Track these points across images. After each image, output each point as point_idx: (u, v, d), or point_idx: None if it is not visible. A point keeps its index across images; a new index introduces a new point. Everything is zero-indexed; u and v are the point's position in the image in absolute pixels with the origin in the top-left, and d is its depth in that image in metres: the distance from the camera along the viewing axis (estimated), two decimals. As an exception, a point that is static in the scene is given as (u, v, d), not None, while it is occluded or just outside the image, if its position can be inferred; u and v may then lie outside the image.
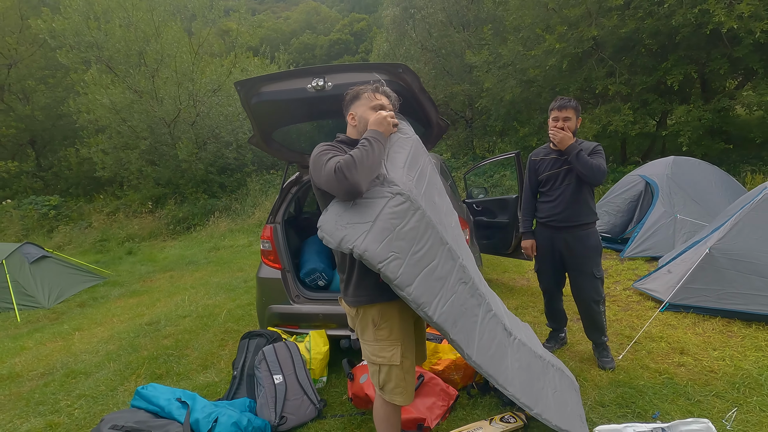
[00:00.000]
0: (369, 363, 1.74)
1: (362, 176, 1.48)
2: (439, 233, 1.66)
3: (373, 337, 1.68)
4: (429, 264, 1.60)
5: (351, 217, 1.51)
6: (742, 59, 7.59)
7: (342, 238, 1.46)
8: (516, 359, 1.88)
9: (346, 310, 1.77)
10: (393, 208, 1.54)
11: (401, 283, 1.48)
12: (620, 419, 2.22)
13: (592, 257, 2.69)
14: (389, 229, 1.50)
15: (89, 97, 10.88)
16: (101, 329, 4.57)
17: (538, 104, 10.52)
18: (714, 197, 5.11)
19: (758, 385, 2.42)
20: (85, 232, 10.61)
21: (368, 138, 1.58)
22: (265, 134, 2.81)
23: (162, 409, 2.32)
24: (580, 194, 2.67)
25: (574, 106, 2.63)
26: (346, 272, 1.71)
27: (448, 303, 1.62)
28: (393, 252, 1.48)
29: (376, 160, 1.55)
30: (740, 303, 3.19)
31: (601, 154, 2.65)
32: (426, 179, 1.79)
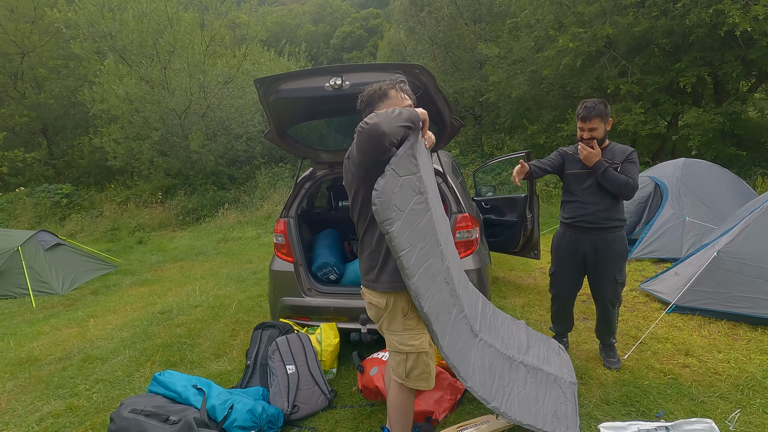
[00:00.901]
0: (395, 353, 1.80)
1: (382, 121, 1.52)
2: (437, 236, 1.83)
3: (402, 326, 1.76)
4: (428, 261, 1.76)
5: (397, 200, 1.62)
6: (755, 62, 7.52)
7: (389, 218, 1.58)
8: (479, 358, 2.03)
9: (374, 302, 1.80)
10: (416, 205, 1.71)
11: (410, 273, 1.65)
12: (624, 417, 2.27)
13: (618, 262, 2.63)
14: (410, 223, 1.67)
15: (104, 87, 10.98)
16: (115, 316, 4.68)
17: (547, 102, 10.49)
18: (724, 200, 5.11)
19: (762, 388, 2.46)
20: (96, 221, 10.76)
21: (405, 108, 1.66)
22: (281, 130, 2.86)
23: (179, 395, 2.41)
24: (610, 196, 2.59)
25: (599, 113, 2.52)
26: (381, 259, 1.75)
27: (434, 298, 1.78)
28: (409, 244, 1.66)
29: (399, 119, 1.57)
30: (746, 306, 3.21)
31: (635, 162, 2.57)
32: (432, 185, 1.93)
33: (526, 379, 2.21)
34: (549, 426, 2.10)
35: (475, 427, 2.25)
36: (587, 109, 2.55)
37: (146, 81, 11.42)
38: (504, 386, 2.09)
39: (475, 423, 2.28)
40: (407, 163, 1.68)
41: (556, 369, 2.39)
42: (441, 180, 3.03)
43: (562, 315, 2.99)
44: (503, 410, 2.00)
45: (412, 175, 1.69)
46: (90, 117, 12.60)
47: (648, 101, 8.74)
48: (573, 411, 2.25)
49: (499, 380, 2.09)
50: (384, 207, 1.57)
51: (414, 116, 1.64)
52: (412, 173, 1.70)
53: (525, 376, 2.22)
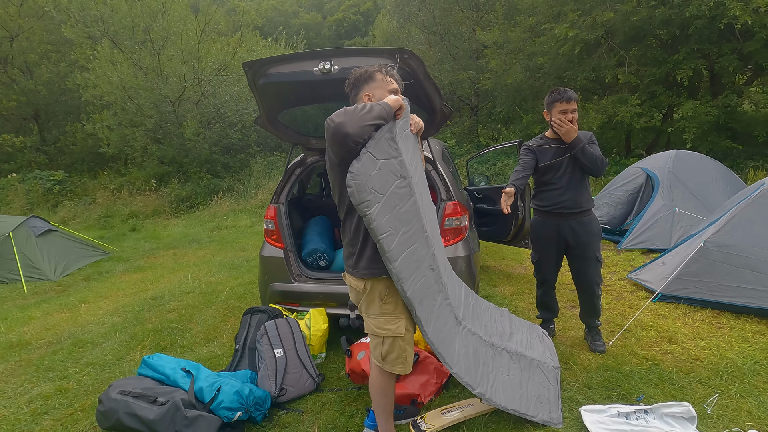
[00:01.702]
0: (372, 336, 1.82)
1: (348, 120, 1.51)
2: (422, 221, 1.83)
3: (379, 310, 1.77)
4: (412, 246, 1.77)
5: (375, 183, 1.60)
6: (752, 55, 7.52)
7: (365, 201, 1.57)
8: (463, 345, 2.06)
9: (353, 285, 1.83)
10: (398, 189, 1.71)
11: (390, 257, 1.65)
12: (605, 401, 2.32)
13: (596, 242, 2.76)
14: (391, 207, 1.66)
15: (97, 72, 10.84)
16: (107, 302, 4.68)
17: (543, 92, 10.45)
18: (714, 192, 5.15)
19: (741, 374, 2.51)
20: (89, 208, 10.71)
21: (377, 102, 1.63)
22: (271, 115, 2.85)
23: (167, 377, 2.43)
24: (583, 181, 2.73)
25: (575, 96, 2.65)
26: (359, 245, 1.77)
27: (419, 283, 1.79)
28: (390, 228, 1.65)
29: (368, 116, 1.55)
30: (730, 295, 3.26)
31: (596, 144, 2.71)
32: (418, 172, 1.92)
33: (510, 365, 2.25)
34: (532, 410, 2.14)
35: (459, 410, 2.28)
36: (565, 91, 2.63)
37: (139, 67, 11.28)
38: (488, 373, 2.12)
39: (460, 406, 2.32)
40: (386, 147, 1.66)
41: (540, 354, 2.42)
42: (431, 167, 3.04)
43: (547, 299, 3.06)
44: (488, 396, 2.04)
45: (392, 158, 1.68)
46: (82, 103, 12.45)
47: (644, 93, 8.74)
48: (555, 395, 2.29)
49: (483, 367, 2.12)
50: (360, 189, 1.56)
51: (385, 111, 1.62)
52: (392, 157, 1.68)
53: (508, 363, 2.26)
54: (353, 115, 1.53)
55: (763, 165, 7.73)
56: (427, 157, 3.02)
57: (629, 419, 2.10)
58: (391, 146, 1.68)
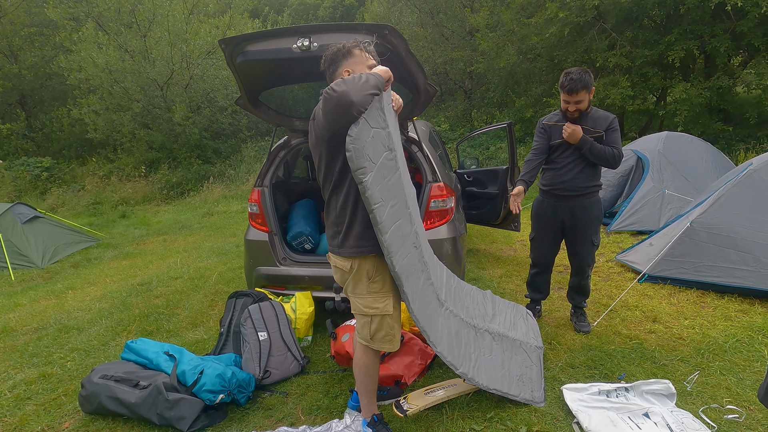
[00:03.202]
0: (359, 315, 1.81)
1: (351, 89, 1.47)
2: (405, 197, 1.81)
3: (366, 289, 1.76)
4: (398, 220, 1.75)
5: (371, 150, 1.58)
6: (745, 35, 7.45)
7: (362, 167, 1.55)
8: (445, 326, 2.07)
9: (339, 265, 1.80)
10: (387, 160, 1.69)
11: (383, 228, 1.64)
12: (587, 379, 2.33)
13: (594, 225, 2.72)
14: (381, 178, 1.65)
15: (81, 55, 10.58)
16: (94, 289, 4.65)
17: (536, 76, 10.36)
18: (703, 173, 5.15)
19: (722, 351, 2.54)
20: (78, 195, 10.58)
21: (370, 73, 1.60)
22: (252, 95, 2.78)
23: (150, 361, 2.42)
24: (588, 164, 2.64)
25: (584, 84, 2.48)
26: (346, 222, 1.73)
27: (405, 259, 1.78)
28: (382, 199, 1.64)
29: (367, 86, 1.52)
30: (715, 275, 3.28)
31: (617, 129, 2.60)
32: (400, 148, 1.88)
33: (492, 345, 2.25)
34: (515, 390, 2.15)
35: (442, 390, 2.29)
36: (573, 81, 2.49)
37: (125, 50, 11.02)
38: (470, 353, 2.13)
39: (443, 386, 2.32)
40: (377, 116, 1.62)
41: (523, 334, 2.43)
42: (416, 148, 2.99)
43: (539, 280, 3.03)
44: (470, 376, 2.04)
45: (381, 129, 1.65)
46: (68, 88, 12.20)
47: (636, 75, 8.66)
48: (538, 374, 2.30)
49: (465, 347, 2.12)
50: (358, 155, 1.52)
51: (380, 81, 1.59)
52: (381, 127, 1.65)
53: (490, 343, 2.26)
54: (354, 83, 1.49)
55: (755, 147, 7.73)
56: (412, 138, 2.98)
57: (609, 397, 2.12)
58: (381, 117, 1.65)
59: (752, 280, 3.14)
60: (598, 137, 2.61)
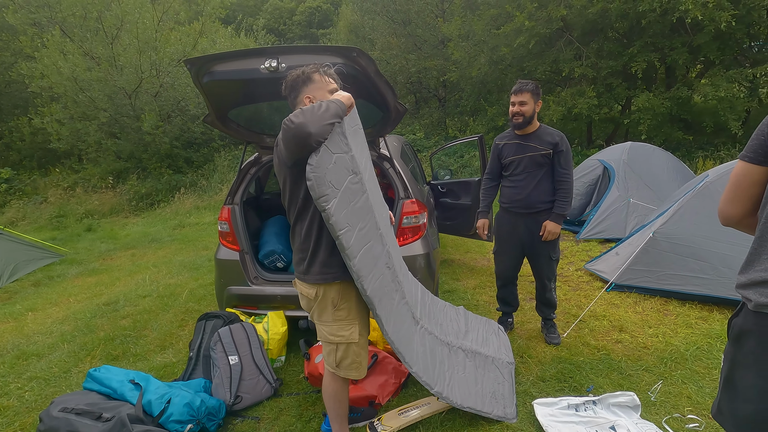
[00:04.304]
0: (325, 343, 1.79)
1: (309, 120, 1.46)
2: (375, 219, 1.82)
3: (332, 317, 1.74)
4: (368, 243, 1.76)
5: (332, 177, 1.57)
6: (701, 48, 7.85)
7: (325, 195, 1.54)
8: (420, 344, 2.08)
9: (304, 292, 1.79)
10: (351, 184, 1.70)
11: (351, 253, 1.63)
12: (557, 393, 2.38)
13: (550, 241, 2.78)
14: (347, 202, 1.65)
15: (45, 62, 10.16)
16: (56, 309, 4.45)
17: (507, 85, 10.60)
18: (665, 182, 5.37)
19: (683, 360, 2.64)
20: (40, 208, 10.11)
21: (331, 100, 1.59)
22: (221, 113, 2.74)
23: (114, 391, 2.32)
24: (541, 181, 2.73)
25: (531, 89, 2.64)
26: (310, 249, 1.71)
27: (377, 281, 1.78)
28: (348, 224, 1.64)
29: (326, 115, 1.51)
30: (677, 284, 3.42)
31: (564, 151, 2.67)
32: (368, 169, 1.90)
33: (465, 362, 2.28)
34: (488, 407, 2.18)
35: (416, 409, 2.29)
36: (521, 83, 2.68)
37: (91, 57, 10.66)
38: (444, 371, 2.14)
39: (417, 405, 2.33)
40: (338, 142, 1.63)
41: (495, 350, 2.46)
42: (388, 165, 3.01)
43: (506, 293, 3.09)
44: (445, 395, 2.05)
45: (344, 153, 1.65)
46: (30, 95, 11.69)
47: (602, 85, 8.99)
48: (510, 390, 2.33)
49: (440, 366, 2.14)
50: (319, 183, 1.52)
51: (340, 109, 1.58)
52: (344, 152, 1.66)
53: (464, 360, 2.28)
54: (312, 114, 1.48)
55: (712, 154, 8.13)
56: (384, 155, 2.99)
57: (578, 411, 2.17)
58: (342, 141, 1.65)
59: (710, 288, 3.29)
60: (546, 155, 2.69)
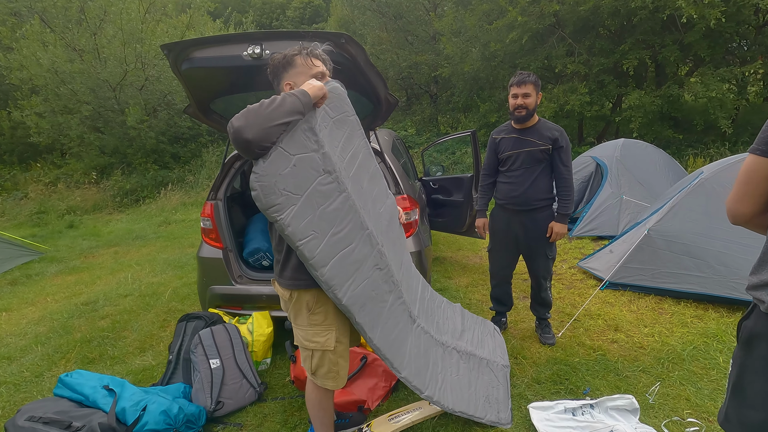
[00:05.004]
0: (301, 348, 1.68)
1: (249, 124, 1.29)
2: (360, 218, 1.67)
3: (306, 322, 1.62)
4: (346, 247, 1.62)
5: (288, 183, 1.42)
6: (692, 46, 7.85)
7: (274, 205, 1.39)
8: (415, 345, 1.96)
9: (279, 293, 1.69)
10: (321, 186, 1.54)
11: (316, 264, 1.51)
12: (553, 396, 2.30)
13: (546, 240, 2.68)
14: (313, 207, 1.51)
15: (23, 53, 9.82)
16: (32, 309, 4.26)
17: (499, 81, 10.54)
18: (658, 180, 5.33)
19: (680, 360, 2.58)
20: (20, 204, 9.79)
21: (289, 93, 1.40)
22: (202, 104, 2.60)
23: (86, 397, 2.18)
24: (539, 177, 2.63)
25: (533, 80, 2.54)
26: (284, 252, 1.61)
27: (360, 287, 1.65)
28: (313, 231, 1.50)
29: (275, 115, 1.34)
30: (672, 282, 3.36)
31: (564, 147, 2.58)
32: (357, 162, 1.75)
33: (459, 365, 2.18)
34: (480, 411, 2.09)
35: (407, 414, 2.20)
36: (522, 74, 2.57)
37: (73, 48, 10.34)
38: (437, 373, 2.04)
39: (408, 410, 2.23)
40: (302, 139, 1.47)
41: (490, 352, 2.37)
42: (379, 160, 2.89)
43: (500, 293, 3.01)
44: (436, 399, 1.95)
45: (311, 152, 1.50)
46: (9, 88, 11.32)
47: (593, 82, 8.97)
48: (505, 394, 2.25)
49: (433, 367, 2.03)
50: (267, 192, 1.37)
51: (301, 103, 1.41)
52: (311, 150, 1.50)
53: (458, 362, 2.18)
54: (256, 115, 1.31)
55: (702, 152, 8.15)
56: (374, 149, 2.88)
57: (576, 415, 2.09)
58: (309, 138, 1.49)
59: (705, 286, 3.24)
60: (545, 150, 2.60)
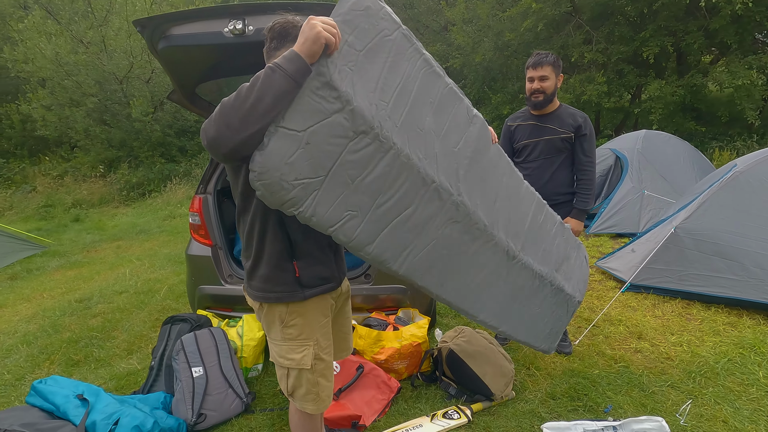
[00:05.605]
0: (276, 366, 1.46)
1: (223, 130, 1.03)
2: (420, 173, 1.34)
3: (280, 336, 1.40)
4: (401, 213, 1.35)
5: (300, 169, 1.13)
6: (717, 32, 7.41)
7: (288, 200, 1.13)
8: (506, 284, 1.75)
9: (249, 302, 1.47)
10: (353, 154, 1.21)
11: (358, 244, 1.29)
12: (570, 414, 2.06)
13: None
14: (345, 184, 1.22)
15: (27, 44, 9.78)
16: (27, 306, 4.14)
17: (512, 72, 10.18)
18: (682, 173, 5.00)
19: (714, 374, 2.31)
20: (28, 197, 9.80)
21: (270, 66, 1.05)
22: (186, 89, 2.39)
23: (57, 408, 2.01)
24: (558, 169, 2.40)
25: (551, 61, 2.28)
26: (252, 258, 1.38)
27: (423, 251, 1.43)
28: (349, 211, 1.25)
29: (259, 106, 1.03)
30: (701, 285, 3.08)
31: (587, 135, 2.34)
32: (410, 97, 1.32)
33: (545, 299, 1.96)
34: (540, 342, 2.03)
35: None
36: (539, 55, 2.30)
37: (80, 40, 10.27)
38: (521, 309, 1.87)
39: (408, 427, 2.01)
40: (313, 104, 1.12)
41: (573, 287, 2.08)
42: None
43: None
44: (509, 333, 1.86)
45: (333, 114, 1.15)
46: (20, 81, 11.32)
47: (612, 71, 8.57)
48: (563, 327, 2.14)
49: (519, 304, 1.85)
50: (273, 189, 1.10)
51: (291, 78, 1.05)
52: (332, 112, 1.14)
53: (545, 296, 1.95)
54: (232, 116, 1.02)
55: (727, 145, 7.73)
56: None
57: (596, 438, 1.85)
58: (325, 97, 1.14)
59: (739, 290, 2.95)
60: (566, 139, 2.34)
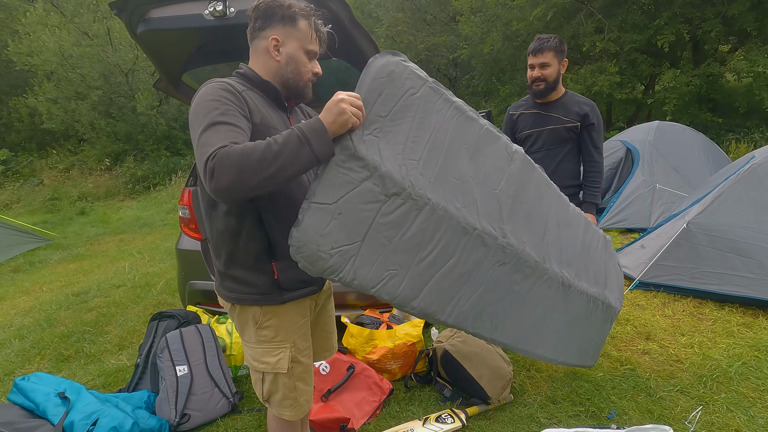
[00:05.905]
0: (251, 369, 1.36)
1: (240, 183, 0.98)
2: (460, 222, 1.31)
3: (254, 337, 1.30)
4: (445, 264, 1.31)
5: (335, 238, 1.13)
6: (735, 19, 7.11)
7: (328, 268, 1.14)
8: (563, 313, 1.68)
9: (221, 302, 1.37)
10: (387, 216, 1.20)
11: (403, 300, 1.26)
12: (571, 420, 1.94)
13: None
14: (384, 245, 1.21)
15: (31, 38, 9.80)
16: (25, 299, 4.13)
17: (521, 62, 9.94)
18: (696, 166, 4.80)
19: (727, 379, 2.17)
20: (35, 190, 9.88)
21: (299, 137, 1.02)
22: (171, 76, 2.29)
23: (37, 406, 1.95)
24: (564, 160, 2.27)
25: (553, 46, 2.11)
26: (224, 258, 1.26)
27: (472, 298, 1.39)
28: (389, 270, 1.22)
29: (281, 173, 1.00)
30: (714, 283, 2.92)
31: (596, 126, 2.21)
32: (444, 148, 1.29)
33: (594, 316, 1.85)
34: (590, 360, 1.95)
35: (397, 437, 1.88)
36: (540, 40, 2.13)
37: (85, 32, 10.26)
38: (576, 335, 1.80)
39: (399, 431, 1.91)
40: (341, 176, 1.13)
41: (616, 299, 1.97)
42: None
43: None
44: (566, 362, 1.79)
45: (362, 182, 1.15)
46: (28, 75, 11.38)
47: (624, 61, 8.30)
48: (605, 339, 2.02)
49: (575, 332, 1.78)
50: (314, 260, 1.11)
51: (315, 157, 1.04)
52: (361, 180, 1.14)
53: (594, 314, 1.85)
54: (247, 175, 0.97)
55: (745, 137, 7.45)
56: None
57: (598, 447, 1.73)
58: (352, 168, 1.14)
59: (755, 289, 2.79)
60: (571, 128, 2.21)
